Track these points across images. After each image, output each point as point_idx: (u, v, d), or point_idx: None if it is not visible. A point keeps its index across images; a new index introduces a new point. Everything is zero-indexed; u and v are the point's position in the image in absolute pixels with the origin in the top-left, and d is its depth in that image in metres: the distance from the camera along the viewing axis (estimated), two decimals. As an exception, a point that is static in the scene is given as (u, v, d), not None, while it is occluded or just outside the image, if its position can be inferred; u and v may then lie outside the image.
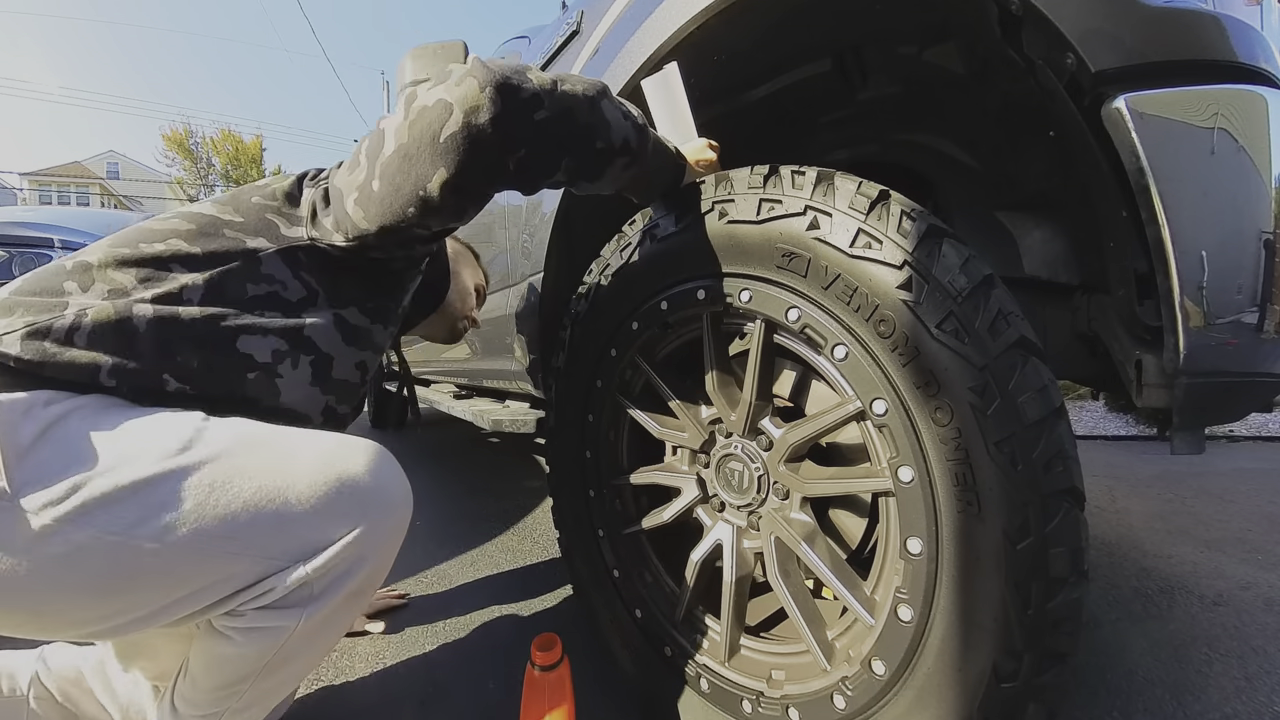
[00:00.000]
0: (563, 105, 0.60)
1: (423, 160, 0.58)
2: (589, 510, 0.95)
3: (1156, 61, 0.57)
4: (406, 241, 0.67)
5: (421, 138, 0.57)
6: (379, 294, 0.73)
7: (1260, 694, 0.94)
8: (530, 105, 0.58)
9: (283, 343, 0.66)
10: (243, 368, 0.63)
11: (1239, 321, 0.58)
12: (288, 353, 0.66)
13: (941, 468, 0.56)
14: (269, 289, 0.66)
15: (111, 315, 0.58)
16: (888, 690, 0.61)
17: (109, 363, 0.58)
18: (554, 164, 0.64)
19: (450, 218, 0.64)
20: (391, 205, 0.61)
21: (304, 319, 0.67)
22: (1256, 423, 3.23)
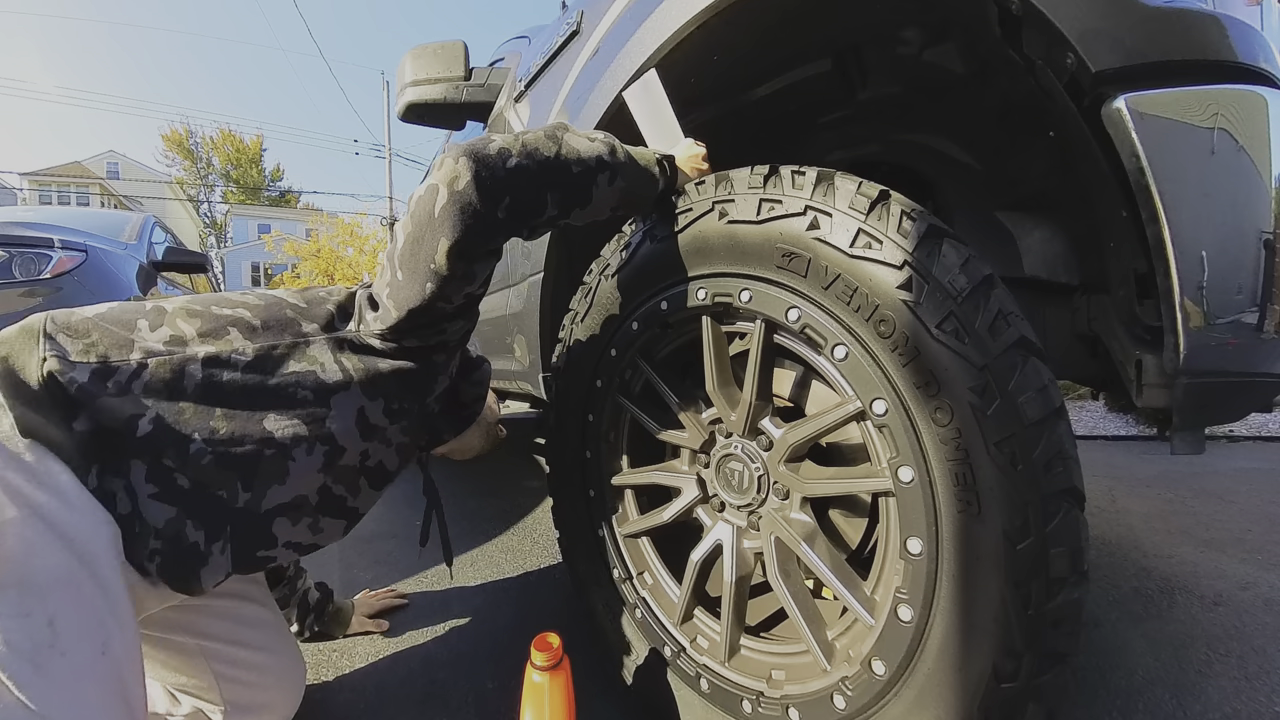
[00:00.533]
0: (529, 148, 0.67)
1: (427, 238, 0.65)
2: (589, 510, 0.95)
3: (1156, 61, 0.57)
4: (436, 320, 0.71)
5: (421, 220, 0.65)
6: (406, 394, 0.76)
7: (1260, 694, 0.94)
8: (500, 157, 0.65)
9: (304, 428, 0.69)
10: (262, 445, 0.66)
11: (1239, 321, 0.58)
12: (306, 439, 0.69)
13: (941, 468, 0.56)
14: (308, 368, 0.70)
15: (167, 373, 0.63)
16: (888, 690, 0.61)
17: (152, 414, 0.62)
18: (540, 201, 0.68)
19: (463, 282, 0.68)
20: (412, 287, 0.67)
21: (330, 407, 0.70)
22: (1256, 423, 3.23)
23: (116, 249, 2.37)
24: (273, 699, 0.85)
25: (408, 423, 0.78)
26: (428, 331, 0.73)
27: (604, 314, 0.87)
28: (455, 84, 1.46)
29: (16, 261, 1.75)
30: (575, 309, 0.93)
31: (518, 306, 1.29)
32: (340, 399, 0.71)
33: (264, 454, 0.66)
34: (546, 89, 1.29)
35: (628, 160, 0.74)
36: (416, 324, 0.71)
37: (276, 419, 0.67)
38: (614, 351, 0.87)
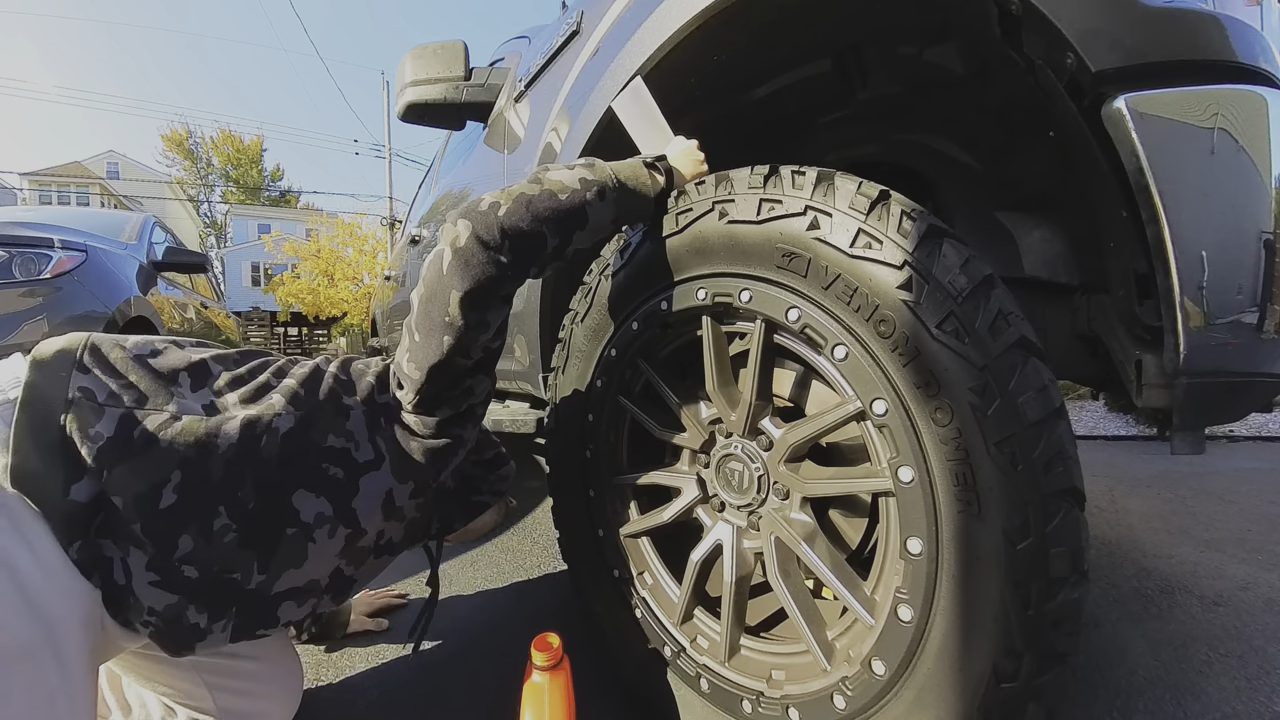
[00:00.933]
0: (515, 194, 0.69)
1: (438, 295, 0.67)
2: (589, 510, 0.95)
3: (1156, 61, 0.57)
4: (457, 377, 0.72)
5: (432, 281, 0.68)
6: (432, 473, 0.77)
7: (1260, 694, 0.94)
8: (492, 209, 0.68)
9: (329, 507, 0.68)
10: (284, 523, 0.66)
11: (1239, 321, 0.58)
12: (330, 520, 0.69)
13: (942, 468, 0.56)
14: (343, 445, 0.70)
15: (201, 431, 0.62)
16: (888, 690, 0.61)
17: (178, 480, 0.60)
18: (538, 235, 0.69)
19: (478, 332, 0.69)
20: (430, 345, 0.68)
21: (359, 488, 0.70)
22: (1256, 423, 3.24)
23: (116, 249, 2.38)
24: (268, 706, 0.84)
25: (424, 500, 0.79)
26: (453, 393, 0.73)
27: (604, 314, 0.87)
28: (455, 84, 1.46)
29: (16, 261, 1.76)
30: (575, 309, 0.93)
31: (518, 306, 1.29)
32: (369, 480, 0.71)
33: (285, 534, 0.66)
34: (546, 89, 1.29)
35: (612, 173, 0.75)
36: (439, 385, 0.71)
37: (304, 496, 0.67)
38: (614, 351, 0.87)
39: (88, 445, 0.57)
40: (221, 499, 0.62)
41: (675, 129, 0.89)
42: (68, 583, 0.56)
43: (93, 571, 0.58)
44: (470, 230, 0.66)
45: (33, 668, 0.53)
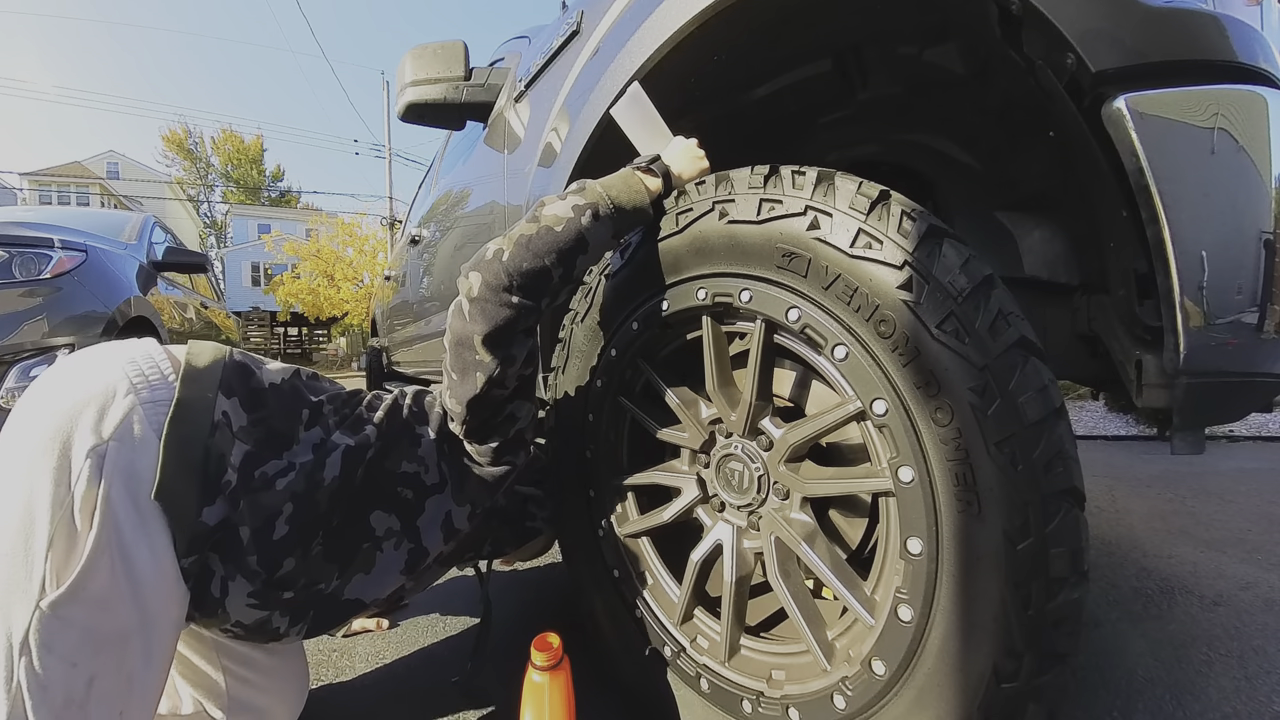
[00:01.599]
0: (515, 237, 0.73)
1: (465, 340, 0.72)
2: (589, 510, 0.95)
3: (1156, 61, 0.57)
4: (497, 406, 0.77)
5: (457, 329, 0.73)
6: (485, 496, 0.82)
7: (1260, 694, 0.94)
8: (496, 256, 0.72)
9: (397, 523, 0.74)
10: (362, 539, 0.71)
11: (1239, 321, 0.58)
12: (398, 534, 0.74)
13: (942, 468, 0.56)
14: (415, 469, 0.76)
15: (309, 469, 0.66)
16: (888, 690, 0.61)
17: (289, 510, 0.64)
18: (544, 272, 0.73)
19: (507, 365, 0.73)
20: (466, 383, 0.73)
21: (425, 507, 0.76)
22: (1256, 423, 3.23)
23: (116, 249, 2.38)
24: (276, 704, 0.85)
25: (478, 517, 0.83)
26: (497, 420, 0.78)
27: (604, 314, 0.87)
28: (455, 84, 1.46)
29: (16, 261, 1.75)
30: (575, 309, 0.93)
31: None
32: (434, 501, 0.76)
33: (362, 547, 0.71)
34: (546, 89, 1.29)
35: (603, 191, 0.77)
36: (483, 416, 0.76)
37: (380, 515, 0.72)
38: (614, 351, 0.87)
39: (226, 473, 0.61)
40: (320, 526, 0.67)
41: (675, 129, 0.89)
42: (172, 586, 0.59)
43: (190, 578, 0.61)
44: (480, 279, 0.71)
45: (124, 652, 0.56)
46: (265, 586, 0.64)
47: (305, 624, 0.70)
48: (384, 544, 0.73)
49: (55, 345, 1.69)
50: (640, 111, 0.88)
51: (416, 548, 0.76)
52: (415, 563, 0.76)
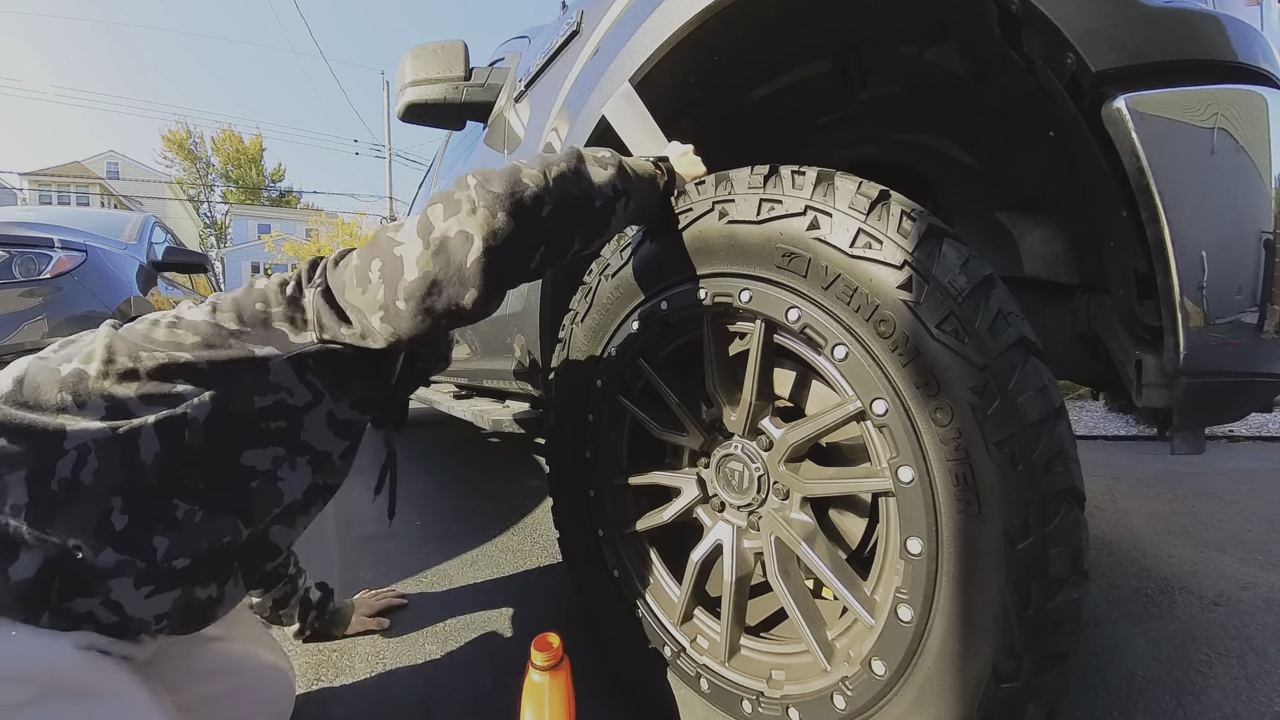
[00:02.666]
0: (559, 192, 0.65)
1: (453, 285, 0.62)
2: (589, 510, 0.95)
3: (1156, 61, 0.57)
4: (435, 339, 0.74)
5: (449, 267, 0.62)
6: (372, 384, 0.76)
7: (1260, 694, 0.94)
8: (536, 206, 0.63)
9: (281, 449, 0.68)
10: (246, 480, 0.65)
11: (1239, 321, 0.58)
12: (285, 458, 0.68)
13: (941, 468, 0.56)
14: (276, 398, 0.67)
15: (119, 451, 0.57)
16: (888, 690, 0.61)
17: (119, 502, 0.57)
18: (569, 242, 0.68)
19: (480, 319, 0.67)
20: (424, 321, 0.64)
21: (304, 423, 0.69)
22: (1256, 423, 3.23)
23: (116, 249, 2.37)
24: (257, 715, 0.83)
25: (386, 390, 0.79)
26: (421, 346, 0.72)
27: (604, 314, 0.87)
28: (455, 84, 1.46)
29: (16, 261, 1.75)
30: (575, 309, 0.93)
31: (518, 306, 1.29)
32: (313, 414, 0.69)
33: (251, 486, 0.66)
34: (546, 89, 1.29)
35: (636, 179, 0.73)
36: (415, 344, 0.67)
37: (255, 454, 0.66)
38: (614, 351, 0.87)
39: (9, 521, 0.52)
40: (172, 494, 0.60)
41: (675, 129, 0.89)
42: (45, 641, 0.54)
43: (75, 629, 0.56)
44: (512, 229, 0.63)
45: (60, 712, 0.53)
46: (146, 572, 0.58)
47: (235, 576, 0.66)
48: (277, 472, 0.67)
49: (55, 345, 1.69)
50: (632, 110, 0.88)
51: (313, 455, 0.70)
52: (320, 463, 0.72)
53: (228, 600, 0.67)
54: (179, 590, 0.61)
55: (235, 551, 0.66)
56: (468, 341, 1.74)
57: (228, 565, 0.66)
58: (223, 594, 0.66)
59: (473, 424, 1.72)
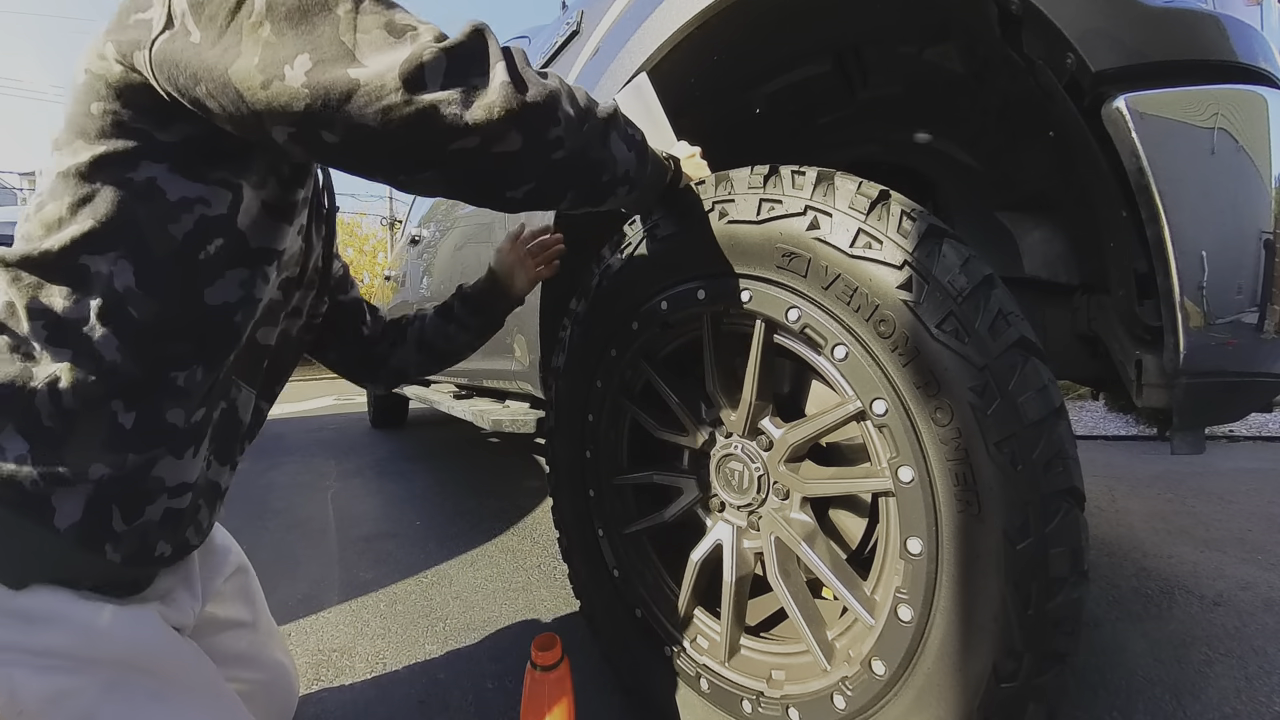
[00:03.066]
0: (580, 144, 0.57)
1: (417, 153, 0.50)
2: (589, 510, 0.95)
3: (1156, 61, 0.57)
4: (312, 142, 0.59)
5: (419, 133, 0.48)
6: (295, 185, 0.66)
7: (1260, 694, 0.94)
8: (552, 147, 0.54)
9: (241, 269, 0.59)
10: (225, 317, 0.59)
11: (1239, 321, 0.58)
12: (250, 277, 0.60)
13: (941, 468, 0.56)
14: (192, 217, 0.55)
15: (87, 369, 0.53)
16: (888, 690, 0.61)
17: (119, 405, 0.54)
18: (559, 197, 0.61)
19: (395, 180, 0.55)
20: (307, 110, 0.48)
21: (240, 226, 0.58)
22: (1256, 423, 3.23)
23: (116, 249, 2.37)
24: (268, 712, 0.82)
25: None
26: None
27: (604, 314, 0.87)
28: (455, 84, 1.46)
29: (16, 261, 1.75)
30: (575, 309, 0.93)
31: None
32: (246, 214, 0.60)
33: (235, 320, 0.61)
34: (546, 89, 1.29)
35: (650, 171, 0.69)
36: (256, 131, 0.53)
37: (214, 290, 0.59)
38: (614, 351, 0.87)
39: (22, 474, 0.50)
40: (163, 370, 0.56)
41: (676, 128, 0.89)
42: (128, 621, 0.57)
43: (153, 540, 0.58)
44: (516, 146, 0.52)
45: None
46: (179, 437, 0.58)
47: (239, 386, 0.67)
48: (253, 293, 0.61)
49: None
50: (644, 104, 0.86)
51: (278, 253, 0.63)
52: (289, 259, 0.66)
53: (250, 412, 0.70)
54: (209, 438, 0.62)
55: (237, 369, 0.65)
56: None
57: (233, 383, 0.66)
58: (234, 408, 0.67)
59: (473, 424, 1.72)
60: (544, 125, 0.53)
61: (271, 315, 0.70)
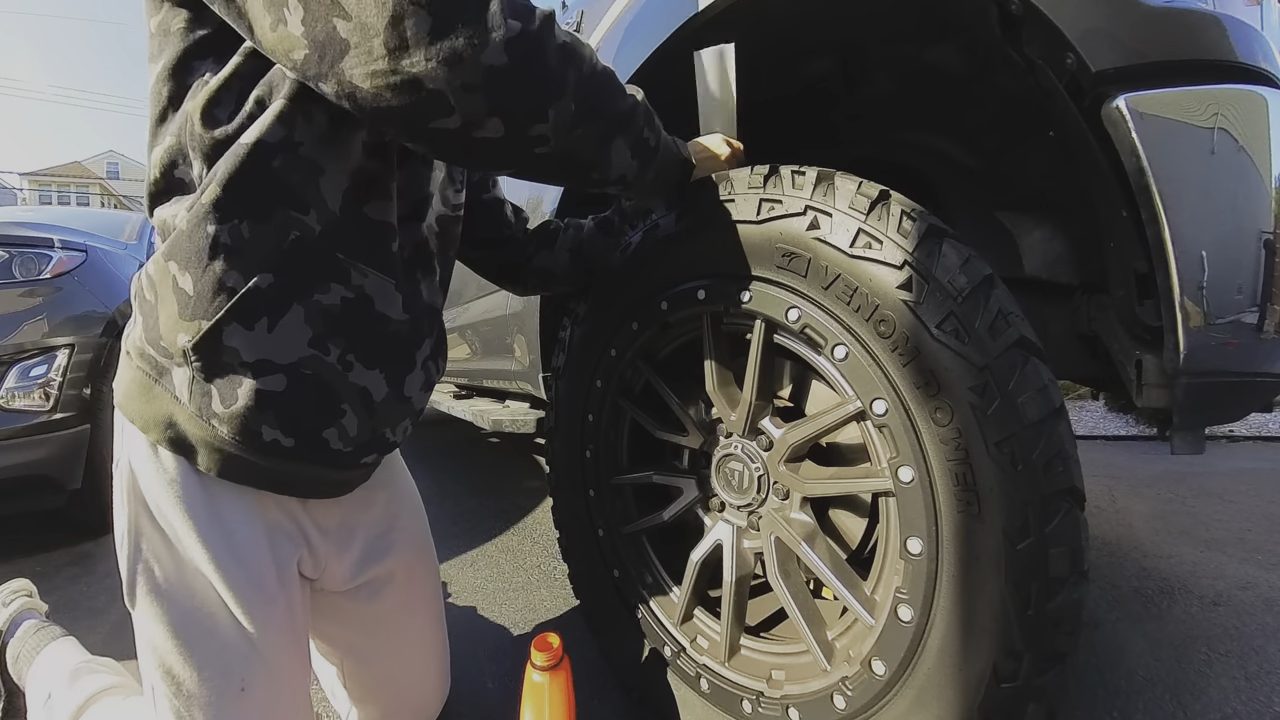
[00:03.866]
0: (567, 146, 0.54)
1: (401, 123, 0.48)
2: (589, 510, 0.95)
3: (1156, 61, 0.57)
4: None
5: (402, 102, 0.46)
6: None
7: (1260, 694, 0.94)
8: (534, 143, 0.52)
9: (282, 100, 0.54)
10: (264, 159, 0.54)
11: (1239, 321, 0.58)
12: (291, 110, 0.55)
13: (941, 468, 0.56)
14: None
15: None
16: (888, 690, 0.61)
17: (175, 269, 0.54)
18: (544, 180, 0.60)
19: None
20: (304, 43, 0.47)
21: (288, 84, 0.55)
22: (1256, 423, 3.23)
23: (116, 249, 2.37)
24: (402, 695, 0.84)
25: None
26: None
27: (604, 314, 0.87)
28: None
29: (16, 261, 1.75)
30: (575, 309, 0.93)
31: (518, 306, 1.29)
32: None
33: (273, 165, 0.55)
34: (546, 89, 1.29)
35: (653, 177, 0.66)
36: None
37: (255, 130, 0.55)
38: (614, 351, 0.87)
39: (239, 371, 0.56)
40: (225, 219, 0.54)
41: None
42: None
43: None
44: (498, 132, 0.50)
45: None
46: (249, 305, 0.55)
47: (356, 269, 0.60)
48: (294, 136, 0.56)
49: (55, 345, 1.68)
50: (720, 72, 0.80)
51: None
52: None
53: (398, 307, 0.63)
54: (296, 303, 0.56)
55: (322, 243, 0.57)
56: (468, 341, 1.74)
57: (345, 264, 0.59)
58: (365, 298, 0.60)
59: (473, 424, 1.72)
60: (529, 119, 0.50)
61: (375, 187, 0.61)
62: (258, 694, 0.60)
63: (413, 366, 0.68)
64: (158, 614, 0.59)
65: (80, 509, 1.78)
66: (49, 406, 1.62)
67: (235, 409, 0.55)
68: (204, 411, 0.56)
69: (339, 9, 0.43)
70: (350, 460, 0.65)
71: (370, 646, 0.80)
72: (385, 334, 0.63)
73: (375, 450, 0.67)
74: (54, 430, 1.62)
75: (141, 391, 0.58)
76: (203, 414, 0.56)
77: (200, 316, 0.54)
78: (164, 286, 0.56)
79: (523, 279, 0.94)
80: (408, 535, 0.81)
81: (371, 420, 0.64)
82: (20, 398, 1.58)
